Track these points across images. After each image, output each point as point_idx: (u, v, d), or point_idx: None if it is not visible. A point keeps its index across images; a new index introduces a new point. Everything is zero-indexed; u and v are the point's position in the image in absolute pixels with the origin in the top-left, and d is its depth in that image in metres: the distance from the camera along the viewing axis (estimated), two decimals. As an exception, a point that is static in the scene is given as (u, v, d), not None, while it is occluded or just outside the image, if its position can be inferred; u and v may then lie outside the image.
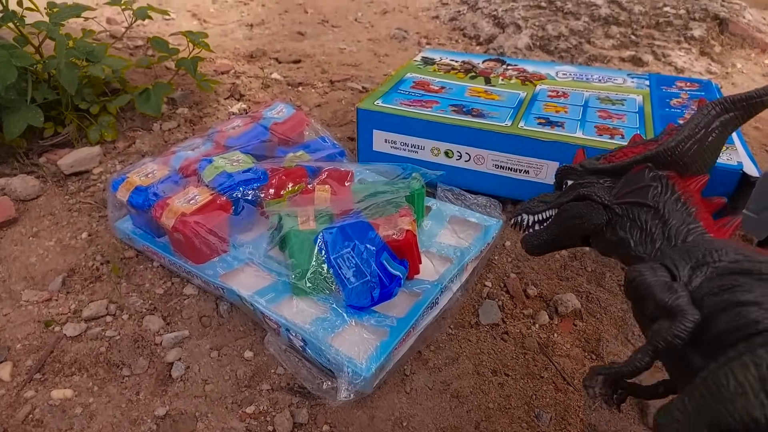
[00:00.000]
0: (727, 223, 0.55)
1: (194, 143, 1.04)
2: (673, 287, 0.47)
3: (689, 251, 0.50)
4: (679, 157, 0.56)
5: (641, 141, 0.61)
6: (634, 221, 0.57)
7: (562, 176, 0.65)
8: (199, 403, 0.75)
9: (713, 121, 0.55)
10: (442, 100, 1.15)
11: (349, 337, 0.78)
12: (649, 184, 0.56)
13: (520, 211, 0.67)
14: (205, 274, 0.87)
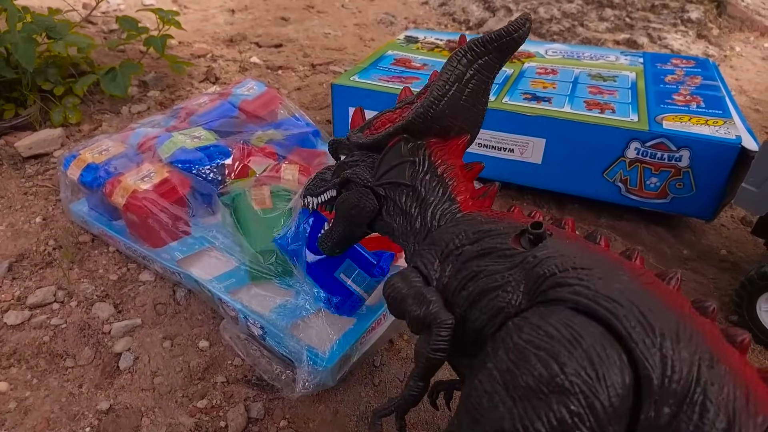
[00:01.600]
0: (484, 192, 0.51)
1: (155, 120, 0.97)
2: (423, 295, 0.44)
3: (435, 242, 0.47)
4: (434, 121, 0.50)
5: (404, 101, 0.56)
6: (396, 204, 0.52)
7: (334, 150, 0.61)
8: (146, 396, 0.68)
9: (466, 71, 0.49)
10: (423, 76, 1.08)
11: (313, 326, 0.72)
12: (406, 159, 0.51)
13: (304, 194, 0.64)
14: (161, 258, 0.80)
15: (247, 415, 0.66)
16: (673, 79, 1.07)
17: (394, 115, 0.56)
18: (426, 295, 0.44)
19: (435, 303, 0.43)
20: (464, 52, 0.49)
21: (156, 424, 0.65)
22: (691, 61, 1.17)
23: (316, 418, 0.65)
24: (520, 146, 0.96)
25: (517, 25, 0.48)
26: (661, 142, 0.86)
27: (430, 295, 0.44)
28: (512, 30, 0.48)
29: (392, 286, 0.48)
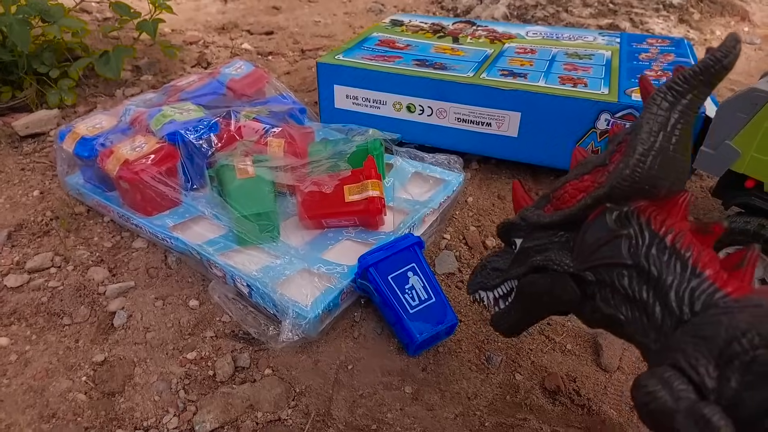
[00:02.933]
0: (741, 261, 0.40)
1: (147, 97, 1.01)
2: (706, 419, 0.34)
3: (707, 339, 0.36)
4: (641, 182, 0.42)
5: (588, 163, 0.47)
6: (616, 290, 0.43)
7: (506, 234, 0.54)
8: (139, 349, 0.72)
9: (669, 116, 0.41)
10: (405, 55, 1.12)
11: (298, 283, 0.76)
12: (617, 234, 0.42)
13: (476, 287, 0.56)
14: (154, 225, 0.85)
15: (234, 364, 0.70)
16: (646, 57, 1.12)
17: (583, 183, 0.46)
18: (711, 419, 0.34)
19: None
20: (664, 93, 0.41)
21: (148, 372, 0.69)
22: (666, 40, 1.22)
23: (298, 366, 0.70)
24: (497, 120, 1.00)
25: (726, 50, 0.40)
26: (630, 113, 0.90)
27: (717, 417, 0.34)
28: (721, 57, 0.40)
29: (649, 393, 0.37)
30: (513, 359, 0.71)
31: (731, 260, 0.41)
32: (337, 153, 0.91)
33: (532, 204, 0.52)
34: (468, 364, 0.71)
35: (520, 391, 0.67)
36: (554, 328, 0.75)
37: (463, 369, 0.70)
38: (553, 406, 0.66)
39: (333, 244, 0.84)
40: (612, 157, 0.45)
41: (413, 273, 0.73)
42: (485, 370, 0.70)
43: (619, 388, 0.68)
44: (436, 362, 0.71)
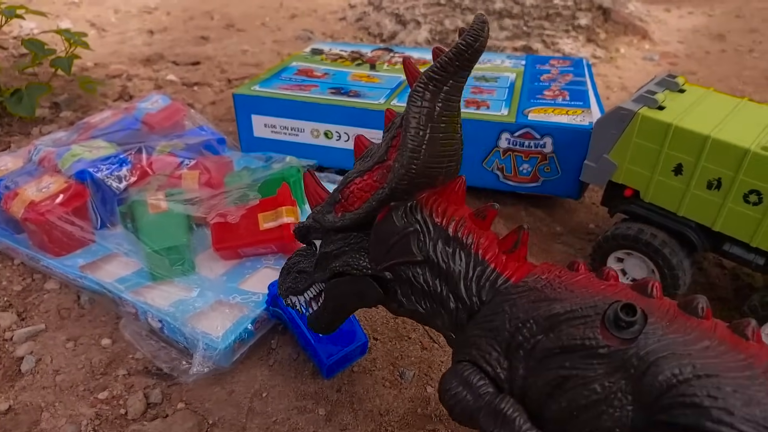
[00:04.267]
0: (515, 241, 0.44)
1: (58, 136, 1.00)
2: (501, 411, 0.36)
3: (493, 330, 0.39)
4: (418, 177, 0.43)
5: (369, 157, 0.49)
6: (413, 286, 0.45)
7: (304, 237, 0.54)
8: (47, 393, 0.71)
9: (434, 106, 0.42)
10: (321, 84, 1.16)
11: (210, 315, 0.77)
12: (405, 231, 0.44)
13: (287, 293, 0.57)
14: (63, 266, 0.84)
15: (146, 401, 0.70)
16: (547, 77, 1.19)
17: (365, 181, 0.47)
18: (506, 411, 0.36)
19: (521, 423, 0.36)
20: (425, 84, 0.42)
21: (56, 416, 0.68)
22: (567, 61, 1.30)
23: (211, 398, 0.70)
24: (408, 143, 1.05)
25: (476, 33, 0.40)
26: (527, 132, 0.96)
27: (512, 411, 0.36)
28: (471, 41, 0.40)
29: (453, 396, 0.39)
30: (425, 373, 0.74)
31: (506, 243, 0.44)
32: (255, 181, 0.93)
33: (324, 202, 0.51)
34: (382, 381, 0.73)
35: (431, 403, 0.70)
36: (462, 340, 0.79)
37: (377, 386, 0.72)
38: (459, 416, 0.69)
39: (251, 273, 0.85)
40: (389, 153, 0.46)
41: None
42: (398, 386, 0.72)
43: (520, 392, 0.72)
44: (350, 382, 0.73)
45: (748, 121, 0.71)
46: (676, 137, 0.71)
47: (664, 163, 0.73)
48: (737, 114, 0.73)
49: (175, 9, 2.42)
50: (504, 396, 0.37)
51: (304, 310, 0.57)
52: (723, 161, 0.68)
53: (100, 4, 2.41)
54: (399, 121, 0.45)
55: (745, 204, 0.69)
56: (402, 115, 0.45)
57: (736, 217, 0.70)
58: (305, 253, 0.55)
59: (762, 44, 2.10)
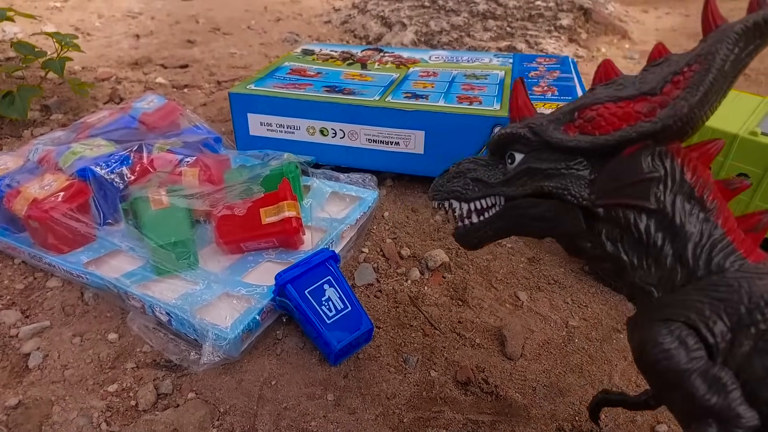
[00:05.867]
0: (757, 224, 0.41)
1: (56, 136, 1.01)
2: (719, 380, 0.35)
3: (724, 300, 0.37)
4: (693, 123, 0.39)
5: (626, 86, 0.43)
6: (628, 231, 0.41)
7: (504, 146, 0.48)
8: (57, 388, 0.71)
9: (740, 57, 0.38)
10: (316, 82, 1.18)
11: (217, 307, 0.78)
12: (650, 176, 0.40)
13: (447, 195, 0.51)
14: (67, 263, 0.84)
15: (156, 392, 0.70)
16: (535, 74, 1.23)
17: (623, 108, 0.42)
18: (724, 380, 0.35)
19: (735, 394, 0.35)
20: (744, 31, 0.38)
21: (67, 410, 0.68)
22: (553, 59, 1.34)
23: (222, 388, 0.71)
24: (403, 139, 1.07)
25: None
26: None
27: (731, 382, 0.35)
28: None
29: (665, 351, 0.38)
30: (428, 358, 0.76)
31: (747, 222, 0.41)
32: (253, 177, 0.94)
33: (546, 117, 0.46)
34: (387, 367, 0.75)
35: (435, 386, 0.72)
36: (464, 325, 0.81)
37: (382, 372, 0.74)
38: (465, 397, 0.71)
39: (253, 267, 0.86)
40: (664, 89, 0.40)
41: (329, 285, 0.77)
42: (403, 371, 0.74)
43: (523, 373, 0.74)
44: (357, 368, 0.75)
45: (734, 109, 0.75)
46: (664, 125, 0.75)
47: (653, 151, 0.77)
48: (724, 102, 0.77)
49: (160, 13, 2.42)
50: (722, 366, 0.36)
51: (461, 218, 0.51)
52: (709, 147, 0.72)
53: (83, 9, 2.40)
54: (688, 60, 0.40)
55: (731, 188, 0.72)
56: (695, 54, 0.40)
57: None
58: (484, 162, 0.49)
59: (735, 43, 2.17)
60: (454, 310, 0.84)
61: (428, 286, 0.89)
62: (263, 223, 0.86)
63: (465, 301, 0.86)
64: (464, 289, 0.88)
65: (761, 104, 0.76)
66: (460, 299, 0.86)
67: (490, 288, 0.89)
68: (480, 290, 0.88)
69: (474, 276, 0.91)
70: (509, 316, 0.83)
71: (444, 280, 0.90)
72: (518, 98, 0.49)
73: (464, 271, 0.92)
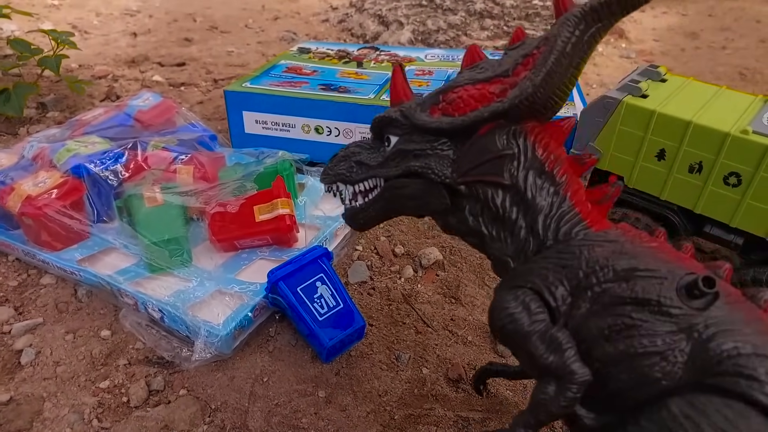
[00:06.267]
0: (603, 196, 0.44)
1: (50, 133, 1.01)
2: (556, 340, 0.38)
3: (566, 266, 0.40)
4: (540, 103, 0.41)
5: (485, 69, 0.45)
6: (487, 205, 0.44)
7: (381, 128, 0.50)
8: (48, 384, 0.71)
9: (583, 38, 0.40)
10: (311, 80, 1.18)
11: (210, 304, 0.78)
12: (503, 153, 0.43)
13: (335, 179, 0.53)
14: (61, 260, 0.84)
15: (148, 388, 0.71)
16: (531, 73, 1.23)
17: (480, 90, 0.44)
18: (560, 340, 0.38)
19: (570, 352, 0.38)
20: (583, 14, 0.39)
21: (58, 406, 0.69)
22: (549, 58, 1.34)
23: (213, 384, 0.72)
24: (398, 137, 1.07)
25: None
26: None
27: (566, 341, 0.38)
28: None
29: (510, 316, 0.40)
30: (420, 355, 0.77)
31: (595, 194, 0.44)
32: (247, 175, 0.94)
33: (416, 101, 0.48)
34: (379, 365, 0.75)
35: (427, 384, 0.72)
36: (457, 323, 0.81)
37: (374, 369, 0.74)
38: (456, 394, 0.71)
39: (247, 264, 0.86)
40: (515, 70, 0.43)
41: (321, 283, 0.77)
42: (395, 368, 0.75)
43: (514, 370, 0.74)
44: (349, 366, 0.75)
45: (726, 108, 0.75)
46: (659, 123, 0.75)
47: (647, 149, 0.77)
48: (716, 101, 0.77)
49: (158, 12, 2.42)
50: (560, 327, 0.39)
51: (347, 200, 0.54)
52: (704, 145, 0.72)
53: (81, 7, 2.40)
54: (537, 43, 0.42)
55: (725, 186, 0.72)
56: (543, 37, 0.42)
57: (716, 199, 0.74)
58: (368, 146, 0.52)
59: (734, 41, 2.18)
60: (447, 308, 0.84)
61: (421, 283, 0.89)
62: (257, 221, 0.87)
63: (458, 298, 0.86)
64: (457, 287, 0.88)
65: (753, 103, 0.76)
66: (453, 297, 0.86)
67: (483, 286, 0.89)
68: (473, 288, 0.88)
69: (467, 274, 0.91)
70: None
71: (437, 278, 0.90)
72: (396, 83, 0.51)
73: (457, 269, 0.92)
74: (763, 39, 2.21)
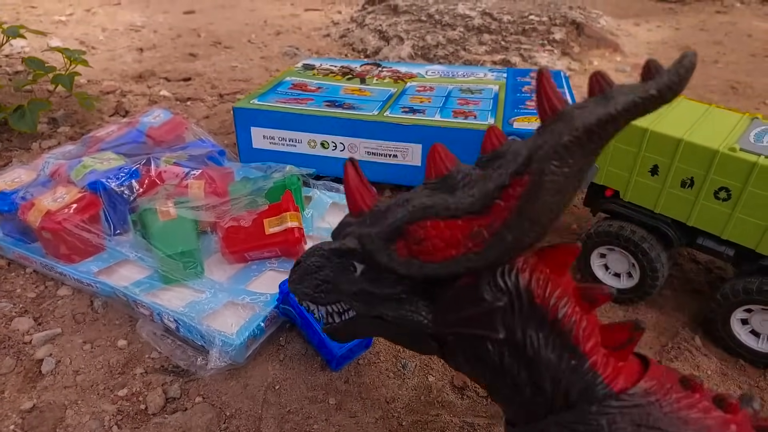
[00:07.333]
0: (624, 342, 0.37)
1: (66, 150, 1.04)
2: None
3: None
4: (531, 243, 0.35)
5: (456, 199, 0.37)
6: (482, 359, 0.39)
7: (342, 255, 0.44)
8: (69, 392, 0.74)
9: (582, 168, 0.33)
10: (317, 97, 1.22)
11: (223, 315, 0.81)
12: (492, 306, 0.36)
13: (302, 297, 0.48)
14: (78, 272, 0.87)
15: (165, 396, 0.74)
16: (529, 89, 1.27)
17: (449, 230, 0.36)
18: None
19: None
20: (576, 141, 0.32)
21: (80, 414, 0.71)
22: (546, 74, 1.38)
23: (228, 392, 0.74)
24: (401, 152, 1.11)
25: (675, 77, 0.32)
26: (513, 139, 1.03)
27: None
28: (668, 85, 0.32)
29: None
30: (426, 363, 0.80)
31: (614, 337, 0.37)
32: (256, 190, 0.98)
33: (378, 227, 0.41)
34: (386, 372, 0.78)
35: (433, 391, 0.75)
36: (460, 332, 0.84)
37: (381, 377, 0.77)
38: (461, 400, 0.74)
39: (257, 276, 0.90)
40: (493, 207, 0.35)
41: None
42: (402, 376, 0.78)
43: (516, 377, 0.77)
44: (357, 374, 0.78)
45: (716, 125, 0.79)
46: (652, 140, 0.79)
47: (641, 165, 0.81)
48: (706, 119, 0.81)
49: (162, 27, 2.46)
50: None
51: (321, 320, 0.49)
52: (695, 162, 0.76)
53: (87, 23, 2.45)
54: (518, 166, 0.34)
55: (715, 200, 0.76)
56: (525, 157, 0.34)
57: (707, 212, 0.78)
58: (331, 258, 0.45)
59: (725, 56, 2.23)
60: (451, 318, 0.87)
61: (426, 294, 0.92)
62: (267, 234, 0.90)
63: (461, 308, 0.89)
64: (460, 297, 0.91)
65: (740, 121, 0.80)
66: (456, 307, 0.89)
67: (486, 296, 0.92)
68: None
69: (470, 284, 0.94)
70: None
71: (441, 289, 0.93)
72: (351, 187, 0.45)
73: (460, 280, 0.95)
74: (754, 53, 2.27)
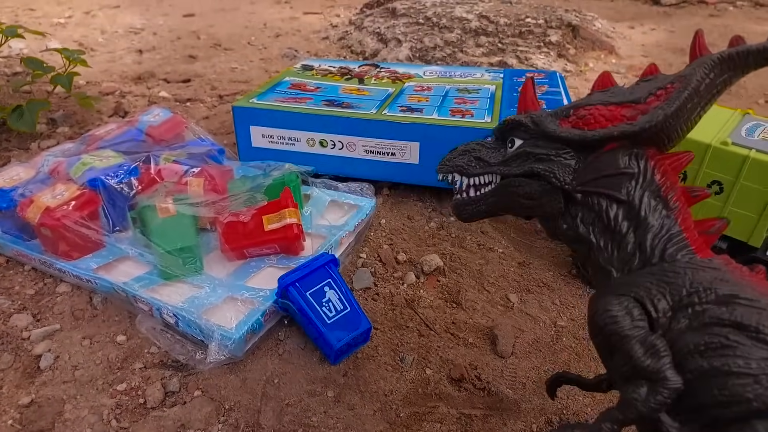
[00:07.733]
0: (711, 228, 0.47)
1: (66, 148, 1.05)
2: (654, 346, 0.41)
3: (670, 283, 0.43)
4: (666, 132, 0.46)
5: (617, 94, 0.49)
6: (600, 217, 0.47)
7: (507, 131, 0.54)
8: (68, 387, 0.74)
9: (714, 82, 0.45)
10: (315, 96, 1.22)
11: (222, 309, 0.82)
12: (624, 171, 0.46)
13: (451, 169, 0.56)
14: (77, 269, 0.87)
15: (164, 390, 0.74)
16: (525, 88, 1.28)
17: (612, 111, 0.48)
18: (659, 347, 0.40)
19: (666, 359, 0.40)
20: (720, 60, 0.45)
21: (78, 408, 0.72)
22: (542, 73, 1.40)
23: (227, 386, 0.75)
24: (399, 150, 1.12)
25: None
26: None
27: (663, 349, 0.40)
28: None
29: (612, 318, 0.43)
30: (423, 357, 0.80)
31: (704, 224, 0.47)
32: (255, 187, 0.98)
33: (546, 112, 0.52)
34: (384, 366, 0.79)
35: (431, 383, 0.76)
36: (458, 326, 0.85)
37: (380, 370, 0.78)
38: (458, 393, 0.75)
39: (256, 272, 0.90)
40: (648, 99, 0.47)
41: (329, 287, 0.81)
42: (399, 369, 0.78)
43: (513, 370, 0.78)
44: (356, 367, 0.78)
45: (708, 121, 0.80)
46: (644, 136, 0.80)
47: (634, 160, 0.82)
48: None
49: (161, 29, 2.48)
50: (659, 335, 0.42)
51: (460, 191, 0.56)
52: (686, 156, 0.77)
53: (86, 25, 2.46)
54: (671, 78, 0.47)
55: (707, 194, 0.77)
56: (678, 74, 0.47)
57: (701, 206, 0.79)
58: (489, 146, 0.55)
59: (720, 58, 2.24)
60: (449, 312, 0.88)
61: (423, 289, 0.93)
62: (266, 230, 0.90)
63: (459, 303, 0.90)
64: (458, 292, 0.92)
65: (732, 116, 0.81)
66: (454, 301, 0.90)
67: (483, 290, 0.93)
68: (473, 293, 0.92)
69: (467, 279, 0.95)
70: (500, 316, 0.87)
71: (438, 284, 0.94)
72: (527, 94, 0.55)
73: (458, 275, 0.96)
74: (749, 54, 2.28)
